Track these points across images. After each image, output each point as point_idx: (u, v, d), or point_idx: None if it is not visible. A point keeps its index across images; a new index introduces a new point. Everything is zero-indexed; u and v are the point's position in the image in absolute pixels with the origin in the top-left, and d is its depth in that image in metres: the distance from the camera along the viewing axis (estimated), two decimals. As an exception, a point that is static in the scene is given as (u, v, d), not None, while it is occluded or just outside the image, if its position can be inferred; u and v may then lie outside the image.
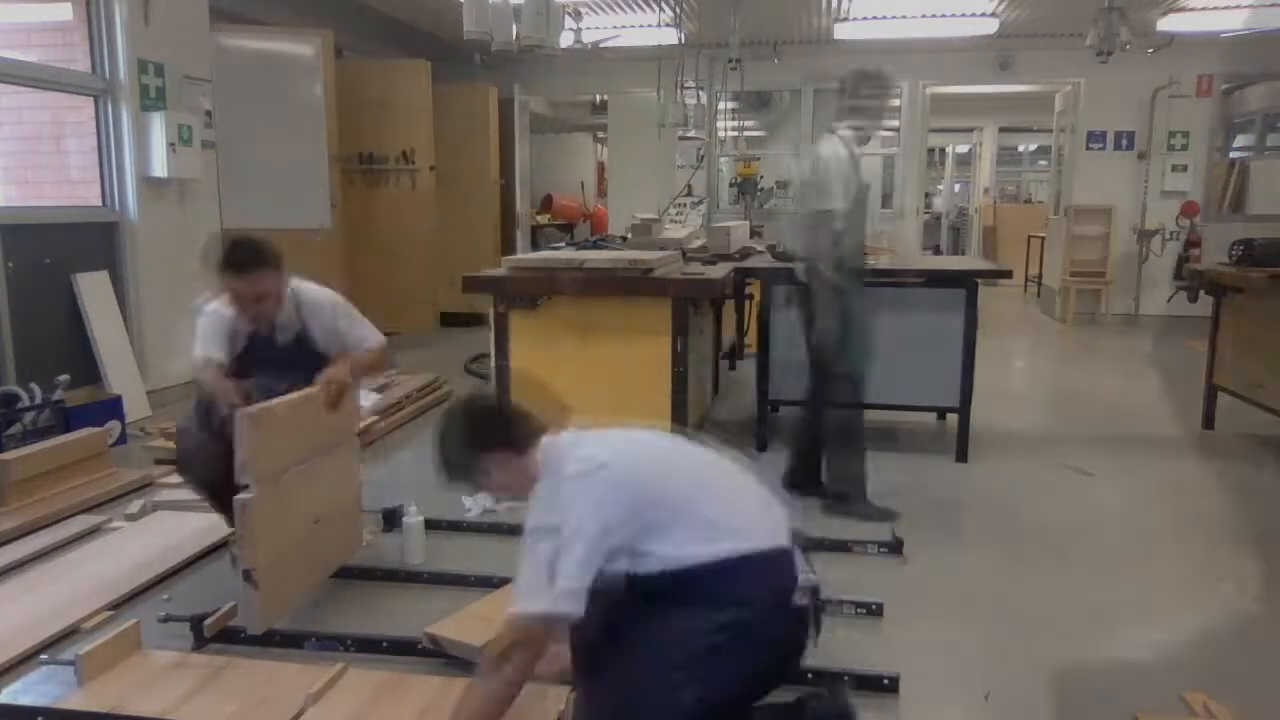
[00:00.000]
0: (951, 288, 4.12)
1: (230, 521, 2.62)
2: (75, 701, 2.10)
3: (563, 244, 7.00)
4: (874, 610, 2.64)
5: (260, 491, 2.38)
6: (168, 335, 5.36)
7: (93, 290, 4.93)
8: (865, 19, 7.98)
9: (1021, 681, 2.33)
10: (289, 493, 2.56)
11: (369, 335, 2.92)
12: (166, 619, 2.50)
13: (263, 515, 2.40)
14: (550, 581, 1.72)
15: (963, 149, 16.93)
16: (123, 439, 4.49)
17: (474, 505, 3.51)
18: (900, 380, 4.20)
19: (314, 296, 2.87)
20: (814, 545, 3.12)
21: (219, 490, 2.63)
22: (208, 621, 2.44)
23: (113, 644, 2.25)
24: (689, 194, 8.46)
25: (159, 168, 5.16)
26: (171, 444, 4.14)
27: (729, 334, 6.30)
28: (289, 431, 2.57)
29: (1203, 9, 7.36)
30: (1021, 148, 17.83)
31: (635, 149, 9.41)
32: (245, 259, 2.64)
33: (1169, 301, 8.80)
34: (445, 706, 2.03)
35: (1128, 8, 5.99)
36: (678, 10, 7.27)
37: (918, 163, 9.80)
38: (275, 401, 2.50)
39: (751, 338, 6.20)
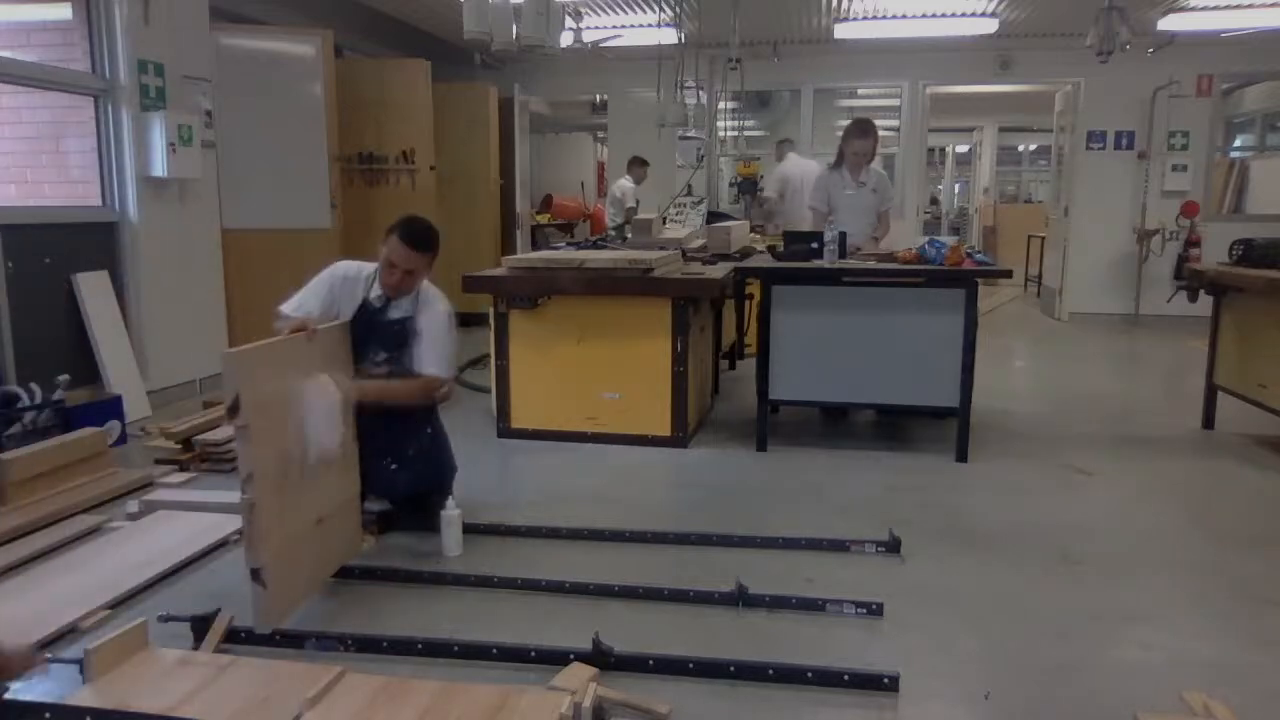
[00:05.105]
0: (951, 288, 4.12)
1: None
2: (83, 698, 2.11)
3: (563, 244, 6.99)
4: (874, 610, 2.64)
5: (266, 492, 2.39)
6: (168, 335, 5.37)
7: (93, 290, 4.93)
8: (865, 19, 7.98)
9: (1021, 681, 2.33)
10: (294, 493, 2.57)
11: (430, 363, 3.13)
12: (167, 619, 2.50)
13: (269, 515, 2.40)
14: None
15: (963, 149, 16.94)
16: (123, 439, 4.49)
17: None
18: (900, 380, 4.20)
19: (435, 298, 3.22)
20: (813, 545, 3.14)
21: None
22: (207, 636, 2.44)
23: (120, 641, 2.26)
24: (689, 194, 8.46)
25: (159, 168, 5.16)
26: (171, 443, 4.16)
27: (729, 334, 6.30)
28: (294, 430, 2.57)
29: (1203, 9, 7.37)
30: (1021, 147, 17.84)
31: (635, 149, 9.40)
32: (425, 240, 3.09)
33: (1169, 301, 8.80)
34: (444, 710, 2.04)
35: (1128, 8, 5.99)
36: (678, 10, 7.27)
37: (918, 163, 9.80)
38: (283, 410, 2.52)
39: (751, 338, 6.22)
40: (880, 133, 5.34)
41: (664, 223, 6.74)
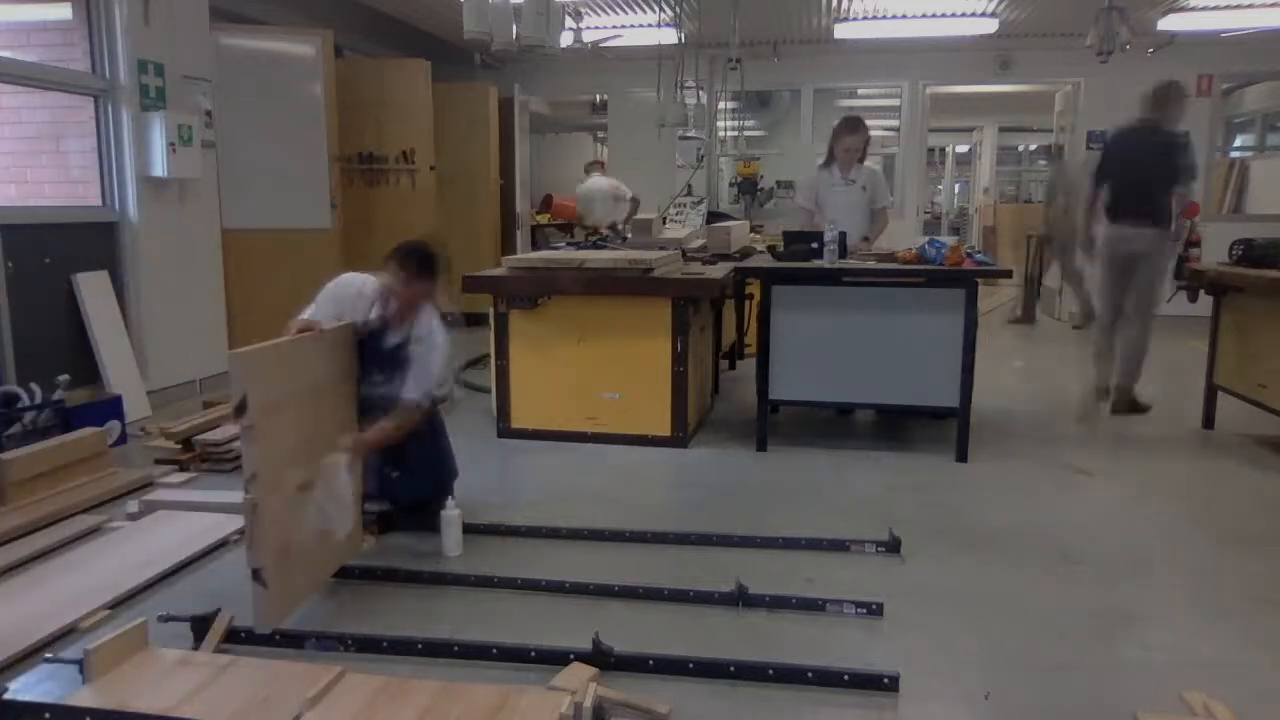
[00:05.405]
0: (951, 288, 4.12)
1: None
2: (82, 698, 2.11)
3: (563, 244, 6.99)
4: (874, 610, 2.64)
5: (269, 492, 2.38)
6: (168, 335, 5.37)
7: (93, 290, 4.93)
8: (865, 19, 7.99)
9: (1021, 681, 2.33)
10: (296, 493, 2.56)
11: (409, 389, 3.01)
12: (167, 619, 2.50)
13: (271, 515, 2.40)
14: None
15: (963, 149, 16.94)
16: (123, 439, 4.49)
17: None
18: (900, 380, 4.20)
19: (432, 326, 3.08)
20: (813, 545, 3.14)
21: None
22: (207, 637, 2.44)
23: (120, 641, 2.25)
24: (689, 194, 8.47)
25: (159, 168, 5.16)
26: (171, 443, 4.16)
27: (729, 334, 6.30)
28: (296, 432, 2.57)
29: (1203, 9, 7.37)
30: (1021, 147, 17.83)
31: (635, 149, 9.41)
32: (433, 270, 3.00)
33: (1169, 301, 8.78)
34: (444, 710, 2.04)
35: (1128, 8, 5.99)
36: (678, 10, 7.28)
37: (918, 163, 9.80)
38: (283, 405, 2.52)
39: (751, 338, 6.22)
40: (880, 133, 5.34)
41: (664, 223, 6.75)
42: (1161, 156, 5.03)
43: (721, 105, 9.86)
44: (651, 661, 2.31)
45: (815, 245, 4.45)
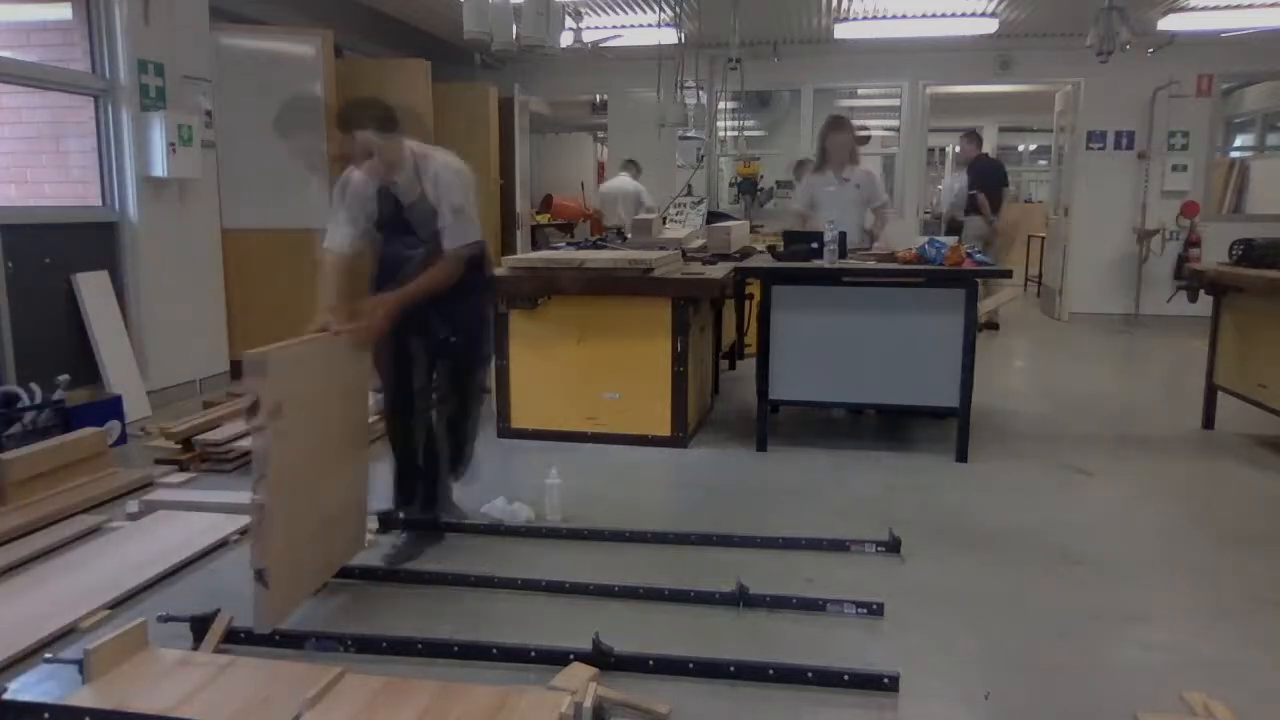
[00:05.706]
0: (951, 288, 4.12)
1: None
2: (82, 698, 2.11)
3: (563, 244, 6.99)
4: (874, 610, 2.64)
5: (277, 493, 2.38)
6: (168, 335, 5.37)
7: (93, 290, 4.93)
8: (865, 19, 7.99)
9: (1021, 681, 2.33)
10: (302, 494, 2.56)
11: (451, 238, 3.04)
12: (167, 619, 2.50)
13: (277, 515, 2.39)
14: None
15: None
16: (123, 439, 4.49)
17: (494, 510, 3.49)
18: (900, 380, 4.20)
19: (437, 164, 3.07)
20: (813, 545, 3.14)
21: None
22: (206, 637, 2.44)
23: (120, 641, 2.25)
24: (689, 194, 8.47)
25: (159, 168, 5.16)
26: (171, 443, 4.17)
27: (729, 334, 6.30)
28: (307, 434, 2.56)
29: (1203, 9, 7.37)
30: (1021, 147, 17.82)
31: (635, 149, 9.41)
32: (347, 120, 2.92)
33: (1169, 301, 8.80)
34: (444, 710, 2.04)
35: (1128, 8, 5.99)
36: (678, 10, 7.27)
37: (918, 163, 9.80)
38: (293, 403, 2.50)
39: (751, 338, 6.22)
40: (880, 133, 5.34)
41: (664, 223, 6.75)
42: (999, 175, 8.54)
43: (721, 105, 9.85)
44: (651, 661, 2.31)
45: (815, 245, 4.45)
